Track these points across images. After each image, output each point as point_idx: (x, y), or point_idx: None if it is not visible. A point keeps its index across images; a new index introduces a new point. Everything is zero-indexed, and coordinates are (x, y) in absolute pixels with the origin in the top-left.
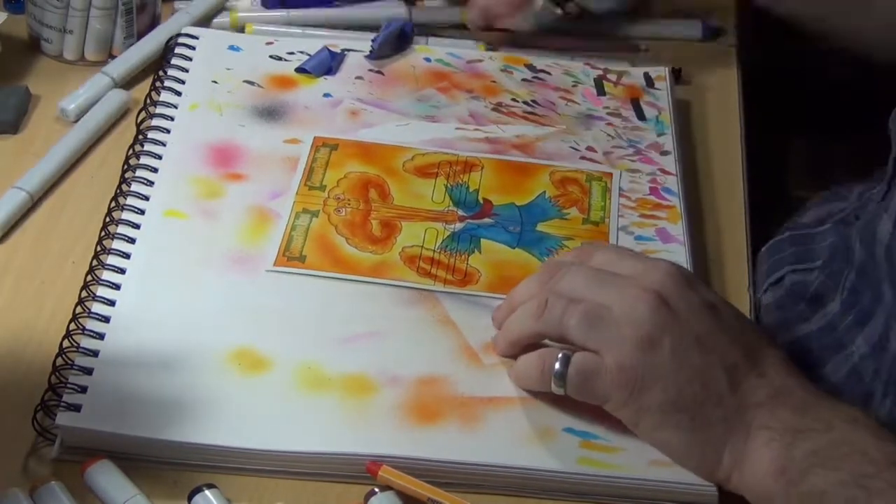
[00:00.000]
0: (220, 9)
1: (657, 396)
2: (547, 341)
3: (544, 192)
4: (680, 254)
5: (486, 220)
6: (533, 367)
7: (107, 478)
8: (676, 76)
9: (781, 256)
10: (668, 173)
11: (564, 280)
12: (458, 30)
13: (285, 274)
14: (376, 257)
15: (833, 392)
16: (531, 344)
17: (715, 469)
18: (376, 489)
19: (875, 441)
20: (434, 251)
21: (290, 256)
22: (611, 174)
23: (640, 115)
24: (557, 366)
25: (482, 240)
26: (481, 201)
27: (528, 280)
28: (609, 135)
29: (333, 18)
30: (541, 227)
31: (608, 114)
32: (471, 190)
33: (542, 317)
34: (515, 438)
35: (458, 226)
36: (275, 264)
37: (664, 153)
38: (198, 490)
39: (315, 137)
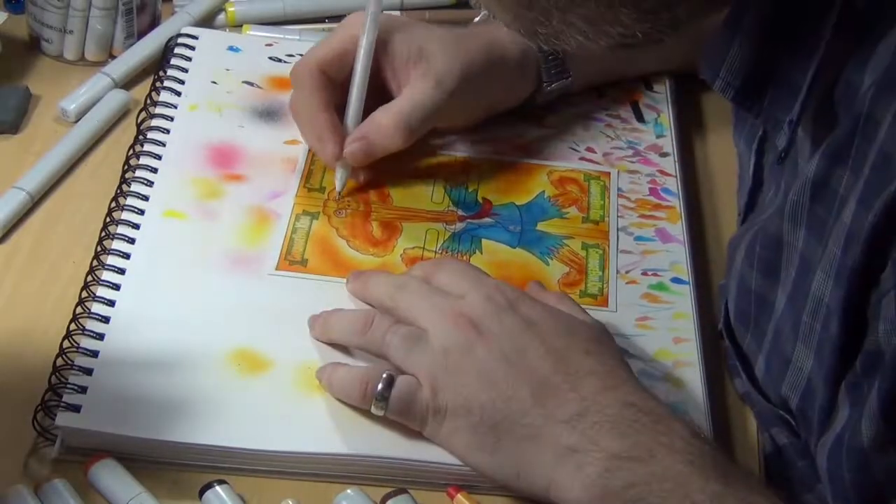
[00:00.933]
0: (220, 9)
1: (464, 419)
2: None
3: (543, 191)
4: (680, 254)
5: (487, 219)
6: (355, 385)
7: (112, 476)
8: None
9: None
10: (668, 174)
11: (405, 296)
12: (451, 10)
13: (288, 278)
14: (378, 259)
15: None
16: None
17: (531, 487)
18: (392, 492)
19: (700, 480)
20: (435, 252)
21: (291, 260)
22: (609, 173)
23: (640, 117)
24: (380, 386)
25: (483, 240)
26: (480, 201)
27: (385, 279)
28: (608, 136)
29: (328, 9)
30: (541, 227)
31: (607, 115)
32: (469, 190)
33: (365, 334)
34: None
35: (459, 226)
36: (277, 268)
37: (663, 155)
38: (209, 486)
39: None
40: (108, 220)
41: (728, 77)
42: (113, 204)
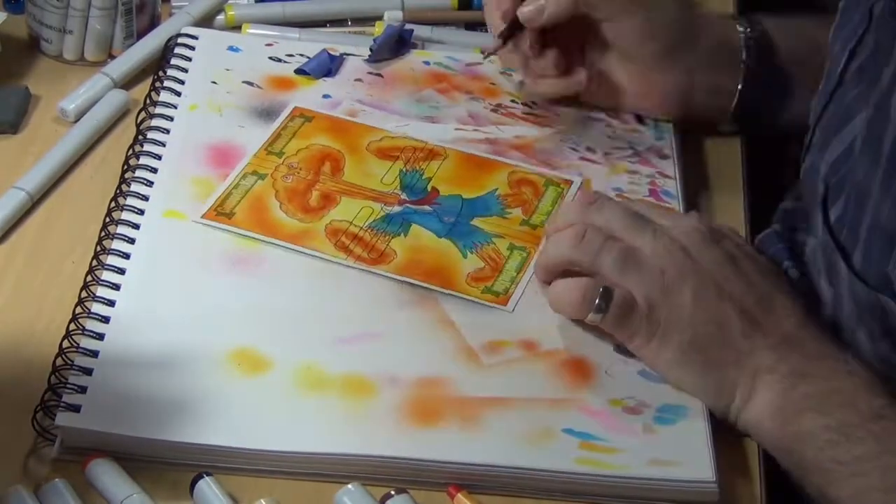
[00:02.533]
0: (219, 9)
1: (676, 337)
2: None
3: (496, 189)
4: None
5: (425, 207)
6: (574, 293)
7: (108, 475)
8: None
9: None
10: (667, 176)
11: (603, 212)
12: (447, 11)
13: (210, 227)
14: (302, 225)
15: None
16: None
17: (726, 407)
18: (392, 492)
19: (866, 395)
20: (361, 228)
21: (219, 211)
22: (570, 182)
23: (640, 119)
24: (598, 299)
25: (413, 225)
26: (429, 189)
27: (567, 205)
28: (608, 136)
29: (328, 12)
30: (475, 222)
31: (607, 115)
32: (423, 177)
33: (579, 246)
34: (515, 439)
35: (396, 209)
36: (203, 216)
37: (663, 157)
38: (199, 477)
39: (294, 107)
40: (108, 220)
41: None
42: (113, 204)
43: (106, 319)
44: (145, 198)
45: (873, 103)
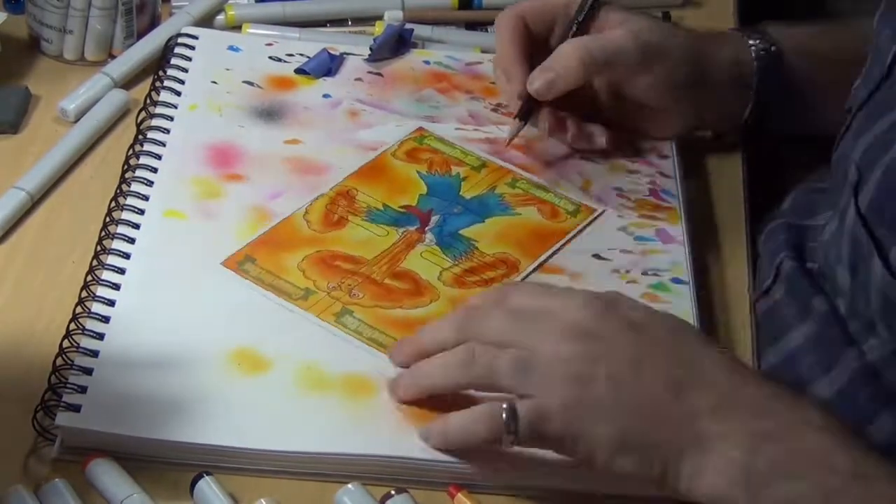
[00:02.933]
0: (219, 9)
1: (606, 429)
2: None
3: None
4: (680, 254)
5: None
6: (479, 425)
7: (108, 475)
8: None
9: (778, 242)
10: (667, 176)
11: (484, 325)
12: (447, 11)
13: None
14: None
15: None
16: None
17: (675, 483)
18: (392, 492)
19: (840, 449)
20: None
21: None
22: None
23: None
24: (504, 417)
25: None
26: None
27: (439, 324)
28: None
29: (328, 12)
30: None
31: None
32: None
33: (470, 368)
34: None
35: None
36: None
37: (663, 157)
38: (199, 477)
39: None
40: (108, 220)
41: None
42: (113, 204)
43: (106, 319)
44: (145, 198)
45: None
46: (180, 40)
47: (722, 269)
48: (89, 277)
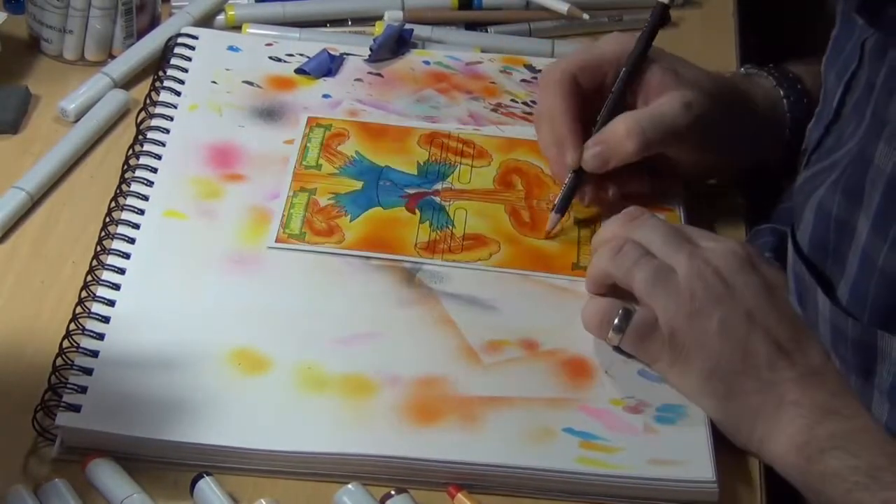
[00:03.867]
0: (219, 9)
1: (699, 363)
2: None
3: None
4: None
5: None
6: (594, 315)
7: (108, 475)
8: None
9: (764, 241)
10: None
11: (645, 229)
12: (447, 11)
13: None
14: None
15: None
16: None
17: (748, 437)
18: (392, 492)
19: (893, 441)
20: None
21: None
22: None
23: None
24: (617, 319)
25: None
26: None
27: (611, 220)
28: None
29: (327, 12)
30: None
31: None
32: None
33: (615, 259)
34: (515, 438)
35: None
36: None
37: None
38: (199, 477)
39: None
40: (108, 220)
41: None
42: (113, 204)
43: (106, 319)
44: (145, 198)
45: (857, 144)
46: (180, 40)
47: None
48: (89, 277)
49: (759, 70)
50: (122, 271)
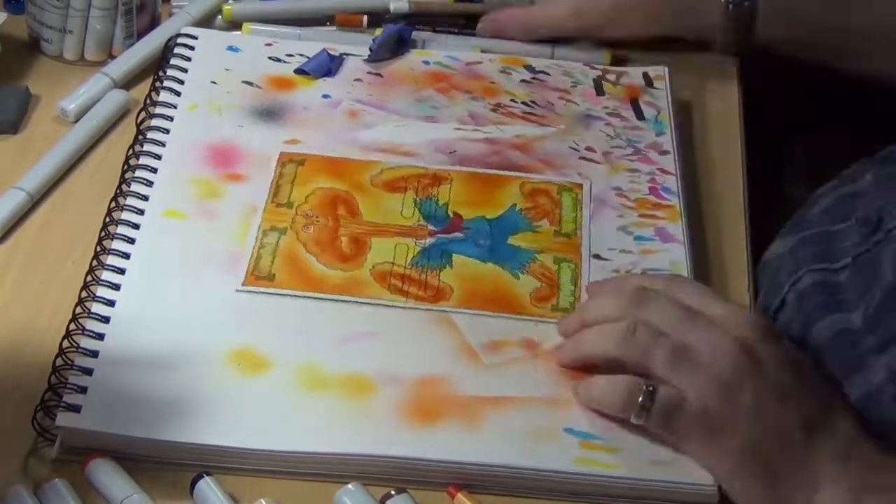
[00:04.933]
0: (219, 9)
1: (735, 443)
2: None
3: (514, 204)
4: (679, 253)
5: (457, 234)
6: (617, 394)
7: (108, 475)
8: None
9: (803, 255)
10: (668, 173)
11: (652, 309)
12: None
13: (255, 294)
14: (347, 274)
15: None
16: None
17: None
18: (392, 492)
19: None
20: (405, 267)
21: (258, 276)
22: (581, 185)
23: (640, 115)
24: (641, 398)
25: (453, 255)
26: (451, 215)
27: (606, 297)
28: (608, 135)
29: (326, 8)
30: (512, 241)
31: (607, 114)
32: (440, 204)
33: (628, 343)
34: (515, 438)
35: (429, 241)
36: (244, 284)
37: (663, 153)
38: (199, 477)
39: (281, 153)
40: (107, 220)
41: None
42: (113, 204)
43: (106, 319)
44: (145, 198)
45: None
46: (180, 41)
47: (722, 268)
48: (89, 278)
49: None
50: (121, 271)
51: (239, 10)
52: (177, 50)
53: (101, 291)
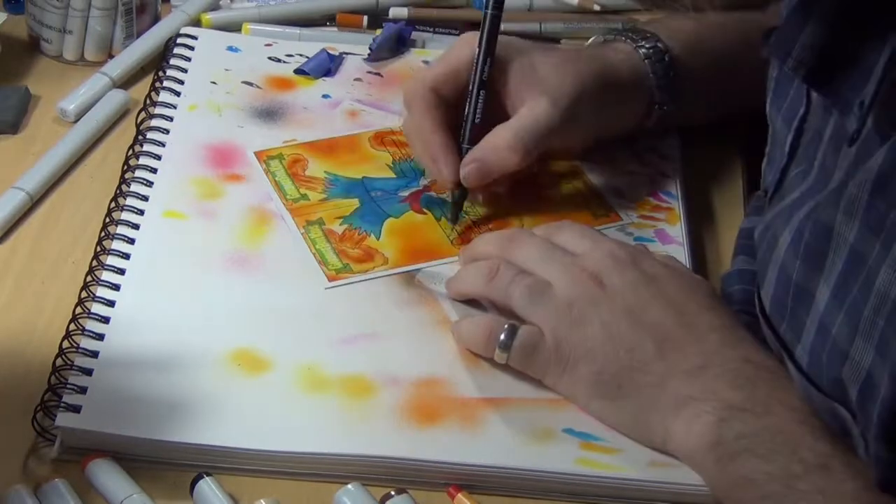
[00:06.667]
0: (217, 8)
1: (586, 368)
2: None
3: None
4: (679, 254)
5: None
6: (479, 333)
7: (108, 475)
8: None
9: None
10: (668, 177)
11: (520, 249)
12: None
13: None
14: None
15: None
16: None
17: (648, 434)
18: (392, 492)
19: (810, 439)
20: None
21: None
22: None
23: None
24: (503, 336)
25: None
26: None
27: (489, 237)
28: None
29: (309, 10)
30: None
31: None
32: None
33: (492, 282)
34: (515, 439)
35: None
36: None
37: (663, 157)
38: (199, 477)
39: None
40: (107, 220)
41: (801, 56)
42: (112, 204)
43: (106, 320)
44: (145, 198)
45: (814, 205)
46: (179, 40)
47: (722, 269)
48: (89, 278)
49: (616, 35)
50: (121, 272)
51: (218, 18)
52: (176, 50)
53: (101, 292)
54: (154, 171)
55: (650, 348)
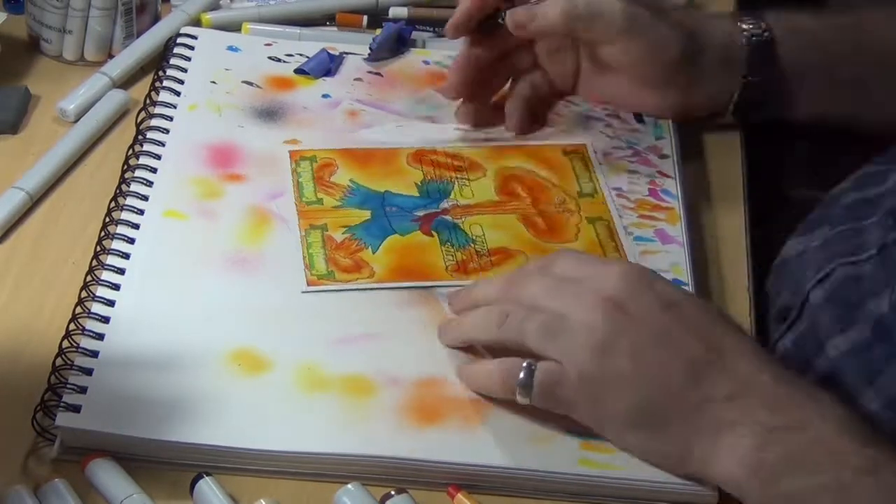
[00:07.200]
0: (216, 7)
1: (618, 402)
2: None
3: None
4: (679, 255)
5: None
6: (494, 376)
7: (108, 475)
8: None
9: (832, 251)
10: (667, 176)
11: (524, 289)
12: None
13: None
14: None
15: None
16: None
17: (686, 465)
18: (392, 492)
19: (853, 445)
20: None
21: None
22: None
23: (639, 118)
24: (521, 375)
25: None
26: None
27: (490, 281)
28: (608, 135)
29: (309, 9)
30: None
31: (607, 115)
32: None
33: (503, 326)
34: (515, 439)
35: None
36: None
37: (663, 156)
38: (199, 477)
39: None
40: (107, 220)
41: None
42: (112, 204)
43: (106, 319)
44: (145, 198)
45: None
46: (179, 40)
47: (722, 269)
48: (89, 278)
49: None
50: (121, 271)
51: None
52: (176, 50)
53: (101, 291)
54: (154, 170)
55: (682, 376)
